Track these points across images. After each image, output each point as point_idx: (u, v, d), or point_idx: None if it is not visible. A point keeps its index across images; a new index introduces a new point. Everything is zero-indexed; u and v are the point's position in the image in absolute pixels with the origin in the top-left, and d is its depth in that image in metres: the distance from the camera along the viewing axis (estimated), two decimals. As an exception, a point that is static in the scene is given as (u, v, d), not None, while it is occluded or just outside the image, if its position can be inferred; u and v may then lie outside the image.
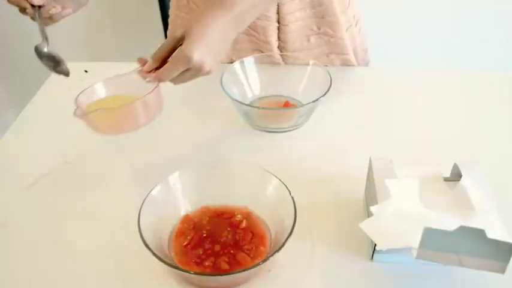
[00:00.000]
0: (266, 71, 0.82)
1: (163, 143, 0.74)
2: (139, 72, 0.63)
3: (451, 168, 0.59)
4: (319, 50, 0.89)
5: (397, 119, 0.79)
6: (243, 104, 0.74)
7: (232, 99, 0.73)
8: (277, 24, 0.84)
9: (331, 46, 0.88)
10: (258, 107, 0.78)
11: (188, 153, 0.72)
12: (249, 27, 0.84)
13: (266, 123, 0.75)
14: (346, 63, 0.91)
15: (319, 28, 0.86)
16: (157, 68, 0.62)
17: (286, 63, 0.85)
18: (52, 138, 0.76)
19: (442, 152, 0.70)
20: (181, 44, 0.59)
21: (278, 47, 0.86)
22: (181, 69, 0.60)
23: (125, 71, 0.67)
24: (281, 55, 0.86)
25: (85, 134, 0.76)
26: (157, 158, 0.71)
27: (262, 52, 0.86)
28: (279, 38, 0.86)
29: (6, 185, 0.67)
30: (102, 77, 0.90)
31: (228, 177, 0.60)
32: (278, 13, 0.83)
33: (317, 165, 0.68)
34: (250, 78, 0.82)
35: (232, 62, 0.87)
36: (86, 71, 0.92)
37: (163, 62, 0.62)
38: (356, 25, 0.92)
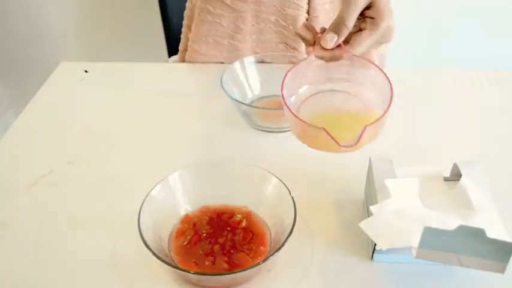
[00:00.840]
0: (266, 71, 0.82)
1: (163, 143, 0.74)
2: (318, 54, 0.53)
3: (451, 168, 0.59)
4: None
5: (397, 118, 0.78)
6: (243, 104, 0.74)
7: (232, 99, 0.73)
8: (307, 16, 0.85)
9: None
10: (258, 107, 0.78)
11: (188, 153, 0.72)
12: (279, 18, 0.85)
13: (266, 123, 0.75)
14: None
15: None
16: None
17: None
18: (52, 138, 0.76)
19: (442, 152, 0.70)
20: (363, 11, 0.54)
21: None
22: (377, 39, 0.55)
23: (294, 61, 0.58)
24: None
25: (85, 134, 0.76)
26: (157, 157, 0.71)
27: (288, 45, 0.87)
28: None
29: (6, 185, 0.67)
30: (102, 77, 0.91)
31: (228, 177, 0.60)
32: (309, 4, 0.85)
33: (317, 165, 0.68)
34: (250, 78, 0.82)
35: (256, 52, 0.89)
36: (86, 71, 0.92)
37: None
38: None
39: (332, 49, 0.53)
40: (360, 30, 0.55)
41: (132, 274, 0.54)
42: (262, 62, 0.82)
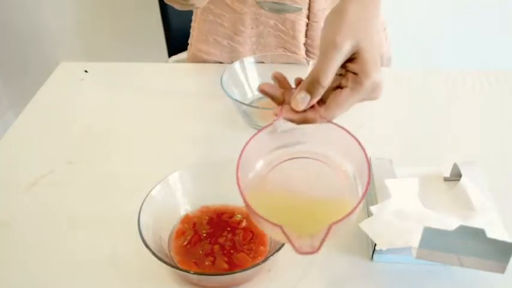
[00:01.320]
0: (266, 71, 0.82)
1: (163, 143, 0.74)
2: (286, 116, 0.45)
3: (451, 168, 0.59)
4: None
5: (397, 118, 0.79)
6: (243, 104, 0.74)
7: (232, 99, 0.73)
8: (307, 20, 0.85)
9: None
10: (258, 107, 0.78)
11: (188, 153, 0.72)
12: (278, 22, 0.85)
13: (266, 123, 0.75)
14: None
15: None
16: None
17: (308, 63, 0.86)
18: (52, 138, 0.76)
19: (442, 152, 0.70)
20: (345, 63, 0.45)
21: (304, 44, 0.87)
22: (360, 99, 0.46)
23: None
24: (306, 54, 0.87)
25: (85, 134, 0.76)
26: (157, 157, 0.71)
27: (286, 49, 0.87)
28: (306, 35, 0.87)
29: (7, 185, 0.67)
30: (102, 77, 0.91)
31: (228, 177, 0.60)
32: (309, 9, 0.84)
33: (317, 165, 0.68)
34: (250, 78, 0.81)
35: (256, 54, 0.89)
36: (86, 71, 0.92)
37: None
38: (384, 31, 0.93)
39: (304, 111, 0.45)
40: (340, 86, 0.46)
41: (132, 274, 0.54)
42: (262, 63, 0.83)
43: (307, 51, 0.88)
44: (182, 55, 1.18)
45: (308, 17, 0.85)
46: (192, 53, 0.95)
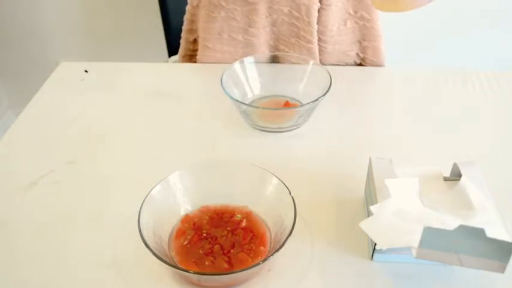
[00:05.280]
0: (266, 71, 0.82)
1: (163, 143, 0.74)
2: None
3: (451, 168, 0.59)
4: (353, 36, 0.91)
5: (397, 118, 0.79)
6: (243, 104, 0.74)
7: (232, 99, 0.73)
8: (319, 5, 0.86)
9: (365, 32, 0.91)
10: (258, 107, 0.78)
11: (188, 153, 0.72)
12: (292, 8, 0.86)
13: (266, 123, 0.75)
14: (377, 54, 0.93)
15: (355, 12, 0.88)
16: None
17: (322, 51, 0.88)
18: (52, 138, 0.76)
19: (442, 152, 0.70)
20: None
21: (317, 32, 0.88)
22: None
23: None
24: (318, 42, 0.88)
25: (85, 134, 0.76)
26: (157, 157, 0.71)
27: (300, 39, 0.88)
28: (318, 22, 0.87)
29: (6, 184, 0.67)
30: (102, 77, 0.91)
31: (228, 177, 0.60)
32: None
33: (317, 165, 0.68)
34: (250, 78, 0.82)
35: (271, 46, 0.90)
36: (86, 71, 0.92)
37: None
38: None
39: None
40: None
41: (132, 274, 0.54)
42: (265, 62, 0.82)
43: (319, 40, 0.89)
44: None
45: (320, 1, 0.85)
46: (202, 53, 0.93)
